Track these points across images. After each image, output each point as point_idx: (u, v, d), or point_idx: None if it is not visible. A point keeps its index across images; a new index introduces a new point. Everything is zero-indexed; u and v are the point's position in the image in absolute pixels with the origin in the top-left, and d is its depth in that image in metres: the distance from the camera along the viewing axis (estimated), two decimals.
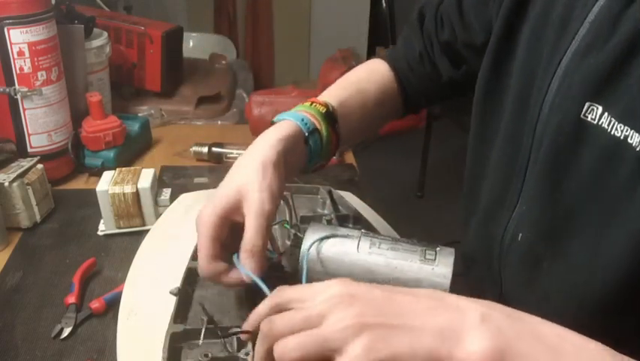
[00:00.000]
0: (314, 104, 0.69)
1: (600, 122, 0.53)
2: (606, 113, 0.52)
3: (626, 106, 0.51)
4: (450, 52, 0.79)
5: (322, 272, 0.59)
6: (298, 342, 0.42)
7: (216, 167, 1.16)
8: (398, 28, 2.98)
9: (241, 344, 0.56)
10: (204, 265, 0.58)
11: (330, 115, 0.69)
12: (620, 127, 0.51)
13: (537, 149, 0.60)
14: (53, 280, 0.84)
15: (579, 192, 0.56)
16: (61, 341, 0.73)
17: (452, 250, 0.59)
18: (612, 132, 0.52)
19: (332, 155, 0.72)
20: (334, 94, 0.74)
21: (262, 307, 0.47)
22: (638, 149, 0.49)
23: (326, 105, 0.69)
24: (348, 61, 1.20)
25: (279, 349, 0.42)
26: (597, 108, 0.53)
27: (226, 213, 0.58)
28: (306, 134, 0.66)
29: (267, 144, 0.62)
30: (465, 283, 0.80)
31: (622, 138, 0.51)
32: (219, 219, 0.57)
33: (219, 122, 1.41)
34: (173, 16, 2.63)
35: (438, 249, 0.59)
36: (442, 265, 0.57)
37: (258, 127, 1.23)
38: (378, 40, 2.77)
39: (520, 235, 0.63)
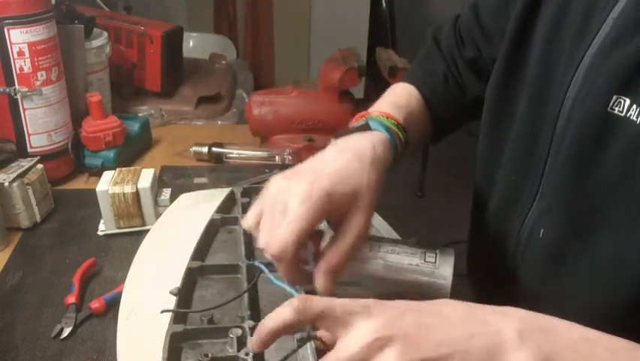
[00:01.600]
0: (390, 119, 0.67)
1: (628, 115, 0.52)
2: (634, 105, 0.52)
3: None
4: (476, 68, 0.78)
5: None
6: None
7: (216, 167, 1.16)
8: (398, 28, 2.98)
9: (241, 344, 0.56)
10: (290, 240, 0.51)
11: (404, 130, 0.68)
12: None
13: (558, 144, 0.60)
14: (53, 280, 0.84)
15: (607, 186, 0.55)
16: (61, 341, 0.73)
17: (452, 251, 0.59)
18: None
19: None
20: (396, 111, 0.71)
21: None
22: None
23: (399, 121, 0.68)
24: (348, 61, 1.19)
25: None
26: (625, 101, 0.53)
27: (334, 196, 0.53)
28: (398, 148, 0.65)
29: (376, 153, 0.60)
30: (466, 282, 0.80)
31: None
32: (327, 197, 0.53)
33: (219, 122, 1.41)
34: (173, 16, 2.62)
35: (438, 251, 0.59)
36: (442, 267, 0.57)
37: (258, 127, 1.23)
38: (378, 41, 2.76)
39: (542, 230, 0.62)
